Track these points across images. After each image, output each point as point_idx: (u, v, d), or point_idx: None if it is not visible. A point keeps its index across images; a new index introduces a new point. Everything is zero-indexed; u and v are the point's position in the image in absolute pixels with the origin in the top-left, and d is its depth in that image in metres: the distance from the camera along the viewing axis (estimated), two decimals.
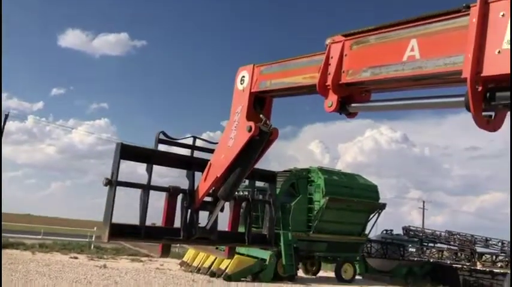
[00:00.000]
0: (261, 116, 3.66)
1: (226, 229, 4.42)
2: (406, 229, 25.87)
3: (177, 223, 3.95)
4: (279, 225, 16.98)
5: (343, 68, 2.99)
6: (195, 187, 3.96)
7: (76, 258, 17.24)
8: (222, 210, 4.08)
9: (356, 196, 18.67)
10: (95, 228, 22.42)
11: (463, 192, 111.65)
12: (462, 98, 2.41)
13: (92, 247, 21.08)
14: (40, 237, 22.21)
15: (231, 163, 3.66)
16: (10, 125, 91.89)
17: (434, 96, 2.74)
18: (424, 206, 65.71)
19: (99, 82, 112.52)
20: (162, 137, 4.01)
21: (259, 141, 3.62)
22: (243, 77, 3.80)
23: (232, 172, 3.71)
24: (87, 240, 22.26)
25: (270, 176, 4.73)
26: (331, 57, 3.05)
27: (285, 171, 19.14)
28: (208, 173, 3.84)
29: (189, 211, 3.93)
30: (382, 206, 19.98)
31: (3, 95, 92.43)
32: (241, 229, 4.53)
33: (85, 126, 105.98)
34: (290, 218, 17.33)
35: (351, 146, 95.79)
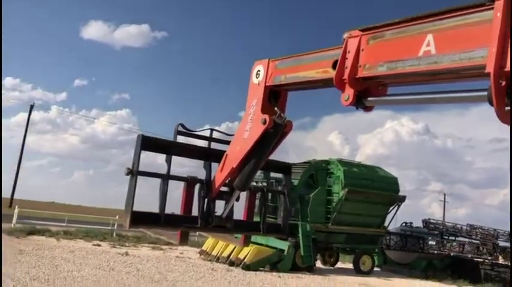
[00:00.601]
0: (275, 109, 3.74)
1: (242, 218, 4.54)
2: (426, 222, 25.60)
3: (195, 212, 4.08)
4: (298, 216, 17.07)
5: (360, 62, 3.02)
6: (212, 177, 4.08)
7: (99, 245, 17.69)
8: (237, 200, 4.19)
9: (376, 188, 18.56)
10: (117, 216, 22.91)
11: (486, 185, 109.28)
12: (485, 93, 2.40)
13: (114, 234, 21.57)
14: (64, 224, 22.84)
15: (246, 154, 3.76)
16: (35, 115, 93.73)
17: (455, 91, 2.74)
18: (445, 198, 64.83)
19: (120, 73, 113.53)
20: (180, 129, 4.15)
21: (274, 134, 3.72)
22: (259, 71, 3.87)
23: (247, 163, 3.82)
24: (109, 228, 22.80)
25: (284, 168, 4.83)
26: (348, 52, 3.07)
27: (304, 162, 19.15)
28: (224, 164, 3.95)
29: (206, 200, 4.07)
30: (402, 199, 19.82)
31: (28, 86, 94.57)
32: (258, 219, 4.64)
33: (107, 117, 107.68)
34: (309, 210, 17.37)
35: (370, 138, 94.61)
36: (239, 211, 4.49)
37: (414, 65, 2.68)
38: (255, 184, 5.16)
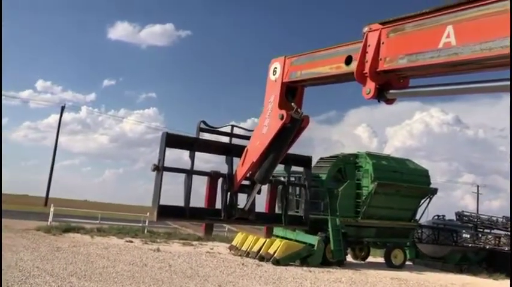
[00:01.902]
0: (292, 104, 3.85)
1: (264, 211, 4.67)
2: (459, 215, 24.95)
3: (218, 205, 4.24)
4: (327, 211, 16.97)
5: (381, 55, 3.04)
6: (234, 172, 4.23)
7: (131, 242, 18.09)
8: (259, 193, 4.32)
9: (406, 181, 18.24)
10: (148, 213, 23.32)
11: None
12: (508, 82, 2.41)
13: (146, 231, 22.00)
14: (97, 222, 23.44)
15: (266, 148, 3.89)
16: (66, 116, 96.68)
17: (479, 81, 2.72)
18: (478, 190, 63.15)
19: (147, 72, 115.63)
20: (202, 126, 4.29)
21: (291, 129, 3.84)
22: (275, 68, 3.99)
23: (267, 157, 3.96)
24: (140, 225, 23.26)
25: (304, 161, 4.90)
26: (369, 46, 3.10)
27: (331, 156, 19.00)
28: (245, 158, 4.10)
29: (229, 193, 4.22)
30: (434, 191, 19.42)
31: (59, 88, 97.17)
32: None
33: (135, 116, 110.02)
34: (338, 204, 17.24)
35: (399, 130, 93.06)
36: (262, 204, 4.64)
37: (434, 56, 2.69)
38: (282, 178, 5.26)
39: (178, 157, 4.28)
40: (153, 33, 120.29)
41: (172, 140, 4.12)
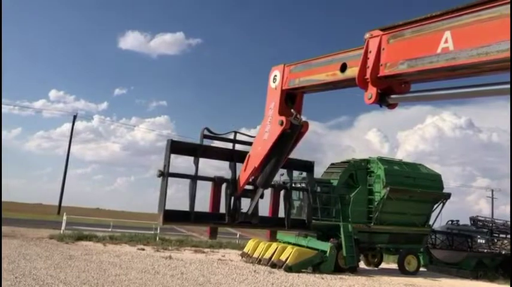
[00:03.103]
0: (292, 110, 3.99)
1: (268, 215, 4.76)
2: (474, 220, 24.54)
3: (222, 209, 4.35)
4: (339, 217, 16.84)
5: (381, 61, 3.11)
6: (237, 177, 4.35)
7: (143, 249, 18.13)
8: (262, 197, 4.44)
9: (418, 186, 18.05)
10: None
11: None
12: (508, 86, 2.45)
13: (157, 238, 22.05)
14: (110, 230, 23.57)
15: (267, 154, 4.02)
16: (78, 125, 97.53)
17: (483, 84, 2.74)
18: (492, 195, 62.23)
19: (157, 81, 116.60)
20: (206, 132, 4.41)
21: (291, 134, 3.97)
22: (275, 76, 4.13)
23: (268, 162, 4.09)
24: (152, 232, 23.33)
25: (307, 166, 5.01)
26: (370, 52, 3.17)
27: (343, 162, 18.90)
28: (247, 163, 4.22)
29: (232, 198, 4.34)
30: (447, 196, 19.17)
31: (71, 97, 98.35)
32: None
33: (146, 124, 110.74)
34: (350, 210, 17.11)
35: (410, 134, 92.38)
36: (266, 208, 4.74)
37: (433, 61, 2.76)
38: (295, 185, 5.29)
39: (190, 164, 4.34)
40: (164, 42, 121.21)
41: (176, 147, 4.26)
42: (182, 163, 4.48)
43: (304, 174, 5.31)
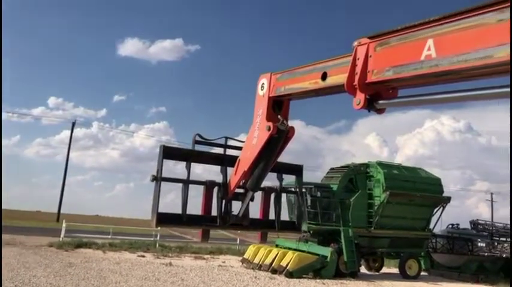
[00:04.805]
0: (279, 117, 4.19)
1: (259, 217, 4.94)
2: (474, 223, 24.54)
3: (214, 212, 4.54)
4: (339, 221, 16.79)
5: (369, 68, 3.23)
6: (228, 181, 4.52)
7: (143, 256, 18.04)
8: (252, 200, 4.61)
9: (418, 189, 18.03)
10: (159, 227, 23.31)
11: None
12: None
13: (157, 245, 21.96)
14: (109, 237, 23.46)
15: (256, 158, 4.22)
16: (77, 132, 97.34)
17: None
18: (492, 198, 62.18)
19: (156, 87, 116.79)
20: (198, 138, 4.59)
21: (278, 139, 4.19)
22: (263, 83, 4.33)
23: (257, 166, 4.28)
24: (152, 239, 23.23)
25: (296, 169, 5.18)
26: (358, 59, 3.29)
27: (342, 167, 18.89)
28: (237, 168, 4.41)
29: (224, 201, 4.52)
30: (447, 200, 19.15)
31: (70, 104, 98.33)
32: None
33: (145, 130, 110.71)
34: (350, 214, 17.07)
35: (410, 139, 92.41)
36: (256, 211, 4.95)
37: (417, 68, 2.87)
38: (294, 189, 5.38)
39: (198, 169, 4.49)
40: (163, 49, 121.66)
41: (169, 153, 4.45)
42: (182, 168, 4.56)
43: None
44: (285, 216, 5.19)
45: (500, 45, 2.40)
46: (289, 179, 5.40)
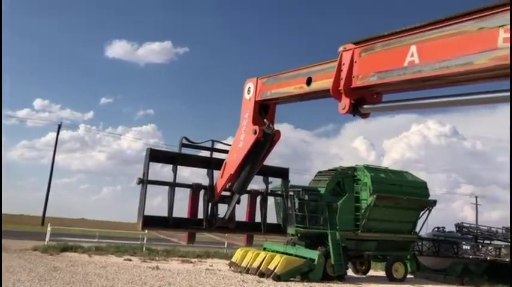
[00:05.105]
0: (265, 120, 4.23)
1: (245, 220, 4.95)
2: (459, 226, 24.85)
3: (200, 215, 4.54)
4: (326, 225, 16.87)
5: (354, 73, 3.28)
6: (214, 183, 4.54)
7: (130, 260, 17.89)
8: (238, 202, 4.63)
9: (405, 193, 18.22)
10: (146, 231, 23.13)
11: None
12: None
13: (144, 249, 21.79)
14: (95, 240, 23.20)
15: (242, 161, 4.25)
16: (64, 135, 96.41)
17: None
18: (476, 201, 63.05)
19: (144, 90, 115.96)
20: (184, 141, 4.63)
21: (264, 142, 4.21)
22: (249, 87, 4.39)
23: (243, 169, 4.31)
24: (139, 242, 23.04)
25: (282, 172, 5.22)
26: (343, 64, 3.35)
27: (330, 170, 18.99)
28: (224, 170, 4.43)
29: (210, 204, 4.53)
30: (433, 203, 19.37)
31: (57, 107, 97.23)
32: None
33: (133, 133, 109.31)
34: (337, 218, 17.16)
35: (396, 142, 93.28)
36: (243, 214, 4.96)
37: (401, 74, 2.93)
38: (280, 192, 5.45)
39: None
40: (151, 51, 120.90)
41: (155, 156, 4.47)
42: (169, 171, 4.56)
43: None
44: (272, 219, 5.22)
45: (481, 53, 2.45)
46: (277, 182, 5.45)
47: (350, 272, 18.46)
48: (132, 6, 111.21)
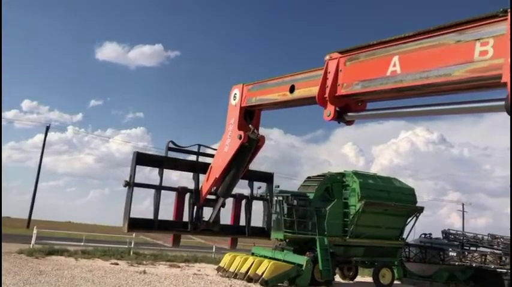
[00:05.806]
0: (250, 126, 4.35)
1: (230, 223, 5.04)
2: (446, 233, 25.06)
3: (186, 218, 4.63)
4: (315, 230, 16.91)
5: (339, 81, 3.36)
6: (200, 187, 4.61)
7: (117, 264, 17.73)
8: (223, 206, 4.72)
9: (393, 199, 18.35)
10: (134, 234, 22.95)
11: (505, 193, 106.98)
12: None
13: (131, 253, 21.61)
14: (82, 244, 22.96)
15: (227, 165, 4.34)
16: (52, 137, 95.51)
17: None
18: (463, 208, 63.72)
19: (134, 92, 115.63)
20: (171, 145, 4.68)
21: (249, 147, 4.31)
22: (235, 94, 4.47)
23: (228, 173, 4.39)
24: (126, 246, 22.85)
25: (266, 177, 5.33)
26: (329, 72, 3.42)
27: (318, 175, 19.06)
28: (209, 174, 4.52)
29: (195, 207, 4.61)
30: (420, 210, 19.53)
31: (46, 108, 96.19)
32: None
33: (122, 136, 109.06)
34: (326, 223, 17.22)
35: (385, 149, 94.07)
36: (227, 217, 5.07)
37: (383, 83, 3.01)
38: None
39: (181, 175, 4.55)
40: (142, 54, 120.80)
41: (142, 159, 4.52)
42: (157, 175, 4.59)
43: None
44: (257, 222, 5.28)
45: (458, 65, 2.51)
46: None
47: (338, 278, 18.52)
48: (123, 7, 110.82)
